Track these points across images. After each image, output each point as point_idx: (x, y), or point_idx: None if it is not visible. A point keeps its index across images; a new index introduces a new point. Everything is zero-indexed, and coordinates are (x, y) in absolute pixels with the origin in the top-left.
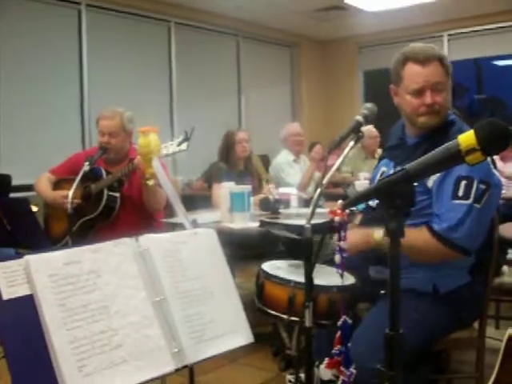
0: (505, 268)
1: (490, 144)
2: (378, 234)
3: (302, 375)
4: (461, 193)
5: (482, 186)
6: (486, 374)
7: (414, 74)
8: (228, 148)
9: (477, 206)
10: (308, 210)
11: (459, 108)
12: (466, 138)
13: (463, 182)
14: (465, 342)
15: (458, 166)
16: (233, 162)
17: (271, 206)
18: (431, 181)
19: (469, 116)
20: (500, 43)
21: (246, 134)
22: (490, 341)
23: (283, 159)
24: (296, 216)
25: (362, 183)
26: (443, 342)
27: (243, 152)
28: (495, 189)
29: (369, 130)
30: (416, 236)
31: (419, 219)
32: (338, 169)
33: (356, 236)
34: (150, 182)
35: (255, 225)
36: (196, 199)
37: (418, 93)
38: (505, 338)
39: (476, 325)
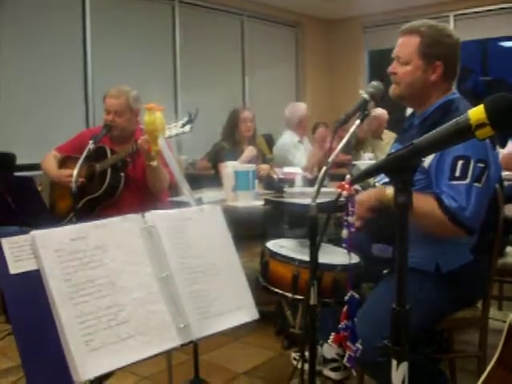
0: (509, 249)
1: (500, 118)
2: (391, 190)
3: (307, 353)
4: (458, 173)
5: (481, 165)
6: (489, 354)
7: None
8: (232, 127)
9: (477, 185)
10: (312, 189)
11: (464, 90)
12: (476, 112)
13: (460, 162)
14: (468, 321)
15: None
16: (237, 140)
17: (275, 185)
18: (427, 161)
19: (473, 98)
20: (507, 24)
21: (250, 113)
22: (492, 322)
23: (289, 140)
24: (300, 195)
25: (365, 163)
26: (447, 322)
27: (247, 131)
28: (493, 167)
29: (379, 111)
30: (423, 202)
31: None
32: (346, 149)
33: (368, 192)
34: (154, 163)
35: (259, 203)
36: (200, 178)
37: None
38: (510, 317)
39: (479, 305)
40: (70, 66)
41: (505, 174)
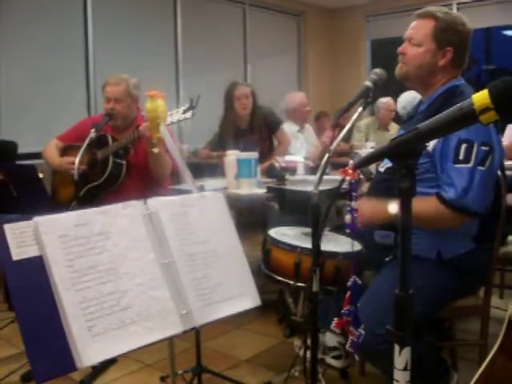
0: (510, 238)
1: (504, 103)
2: (392, 208)
3: (309, 341)
4: (461, 156)
5: (484, 148)
6: (490, 342)
7: None
8: (228, 104)
9: (481, 168)
10: (314, 177)
11: (467, 80)
12: (480, 96)
13: (463, 146)
14: (470, 309)
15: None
16: (234, 119)
17: (277, 174)
18: (431, 145)
19: (477, 88)
20: (511, 12)
21: (246, 88)
22: (494, 310)
23: (288, 130)
24: (302, 183)
25: (367, 152)
26: (448, 310)
27: (243, 109)
28: (497, 151)
29: (387, 102)
30: (425, 205)
31: (422, 183)
32: (348, 137)
33: (369, 211)
34: (156, 150)
35: (262, 191)
36: (202, 167)
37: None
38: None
39: (481, 293)
40: (72, 54)
41: (507, 163)
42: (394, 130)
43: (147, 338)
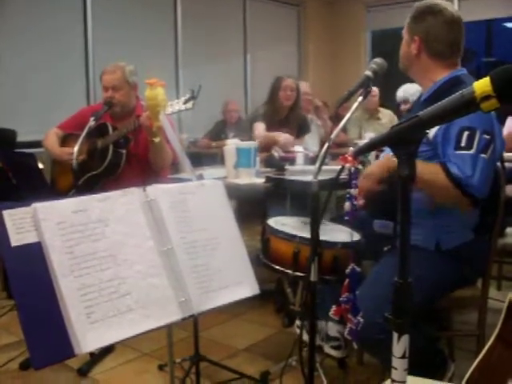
0: (509, 230)
1: (506, 90)
2: None
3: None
4: (463, 143)
5: (487, 137)
6: (487, 333)
7: None
8: (273, 93)
9: (483, 156)
10: (313, 167)
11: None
12: (482, 84)
13: (466, 133)
14: (468, 300)
15: None
16: (275, 108)
17: (276, 163)
18: (432, 132)
19: (476, 80)
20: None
21: (292, 82)
22: (491, 302)
23: None
24: (301, 172)
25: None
26: (446, 300)
27: (286, 100)
28: (498, 140)
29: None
30: (428, 169)
31: None
32: (345, 130)
33: (378, 163)
34: (157, 139)
35: (261, 181)
36: (201, 157)
37: None
38: (511, 294)
39: (479, 284)
40: (71, 43)
41: (506, 155)
42: (387, 117)
43: (146, 325)
